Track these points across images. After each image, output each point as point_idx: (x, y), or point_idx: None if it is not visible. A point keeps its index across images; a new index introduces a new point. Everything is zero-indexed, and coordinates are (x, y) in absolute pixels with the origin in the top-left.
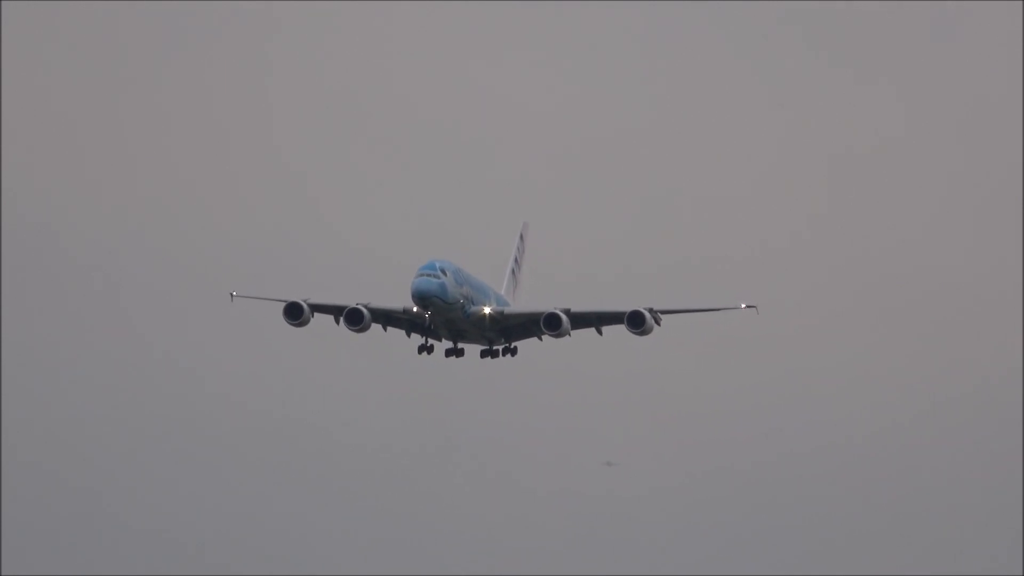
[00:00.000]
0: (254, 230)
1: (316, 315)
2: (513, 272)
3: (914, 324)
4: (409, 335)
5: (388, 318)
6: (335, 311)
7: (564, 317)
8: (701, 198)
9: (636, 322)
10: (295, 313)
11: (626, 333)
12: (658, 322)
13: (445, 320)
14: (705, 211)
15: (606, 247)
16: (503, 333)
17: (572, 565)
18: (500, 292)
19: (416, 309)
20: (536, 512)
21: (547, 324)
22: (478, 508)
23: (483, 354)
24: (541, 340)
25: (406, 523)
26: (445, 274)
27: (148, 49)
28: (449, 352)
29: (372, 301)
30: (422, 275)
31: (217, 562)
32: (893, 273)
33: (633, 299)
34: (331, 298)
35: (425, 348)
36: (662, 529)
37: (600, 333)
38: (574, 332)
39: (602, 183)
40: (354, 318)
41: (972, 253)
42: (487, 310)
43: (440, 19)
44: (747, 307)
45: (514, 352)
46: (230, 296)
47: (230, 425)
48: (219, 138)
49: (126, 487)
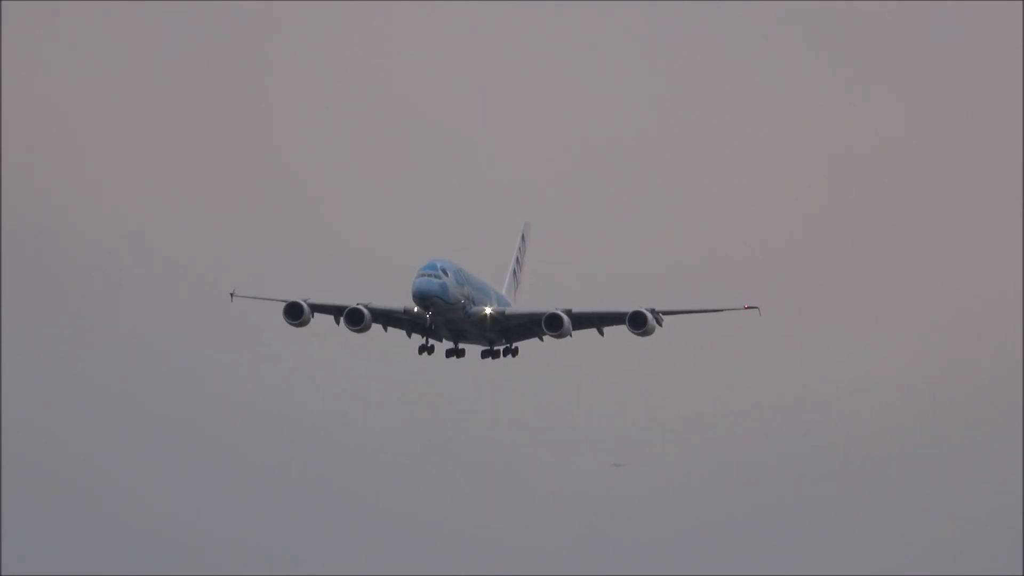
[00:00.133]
0: (254, 230)
1: (316, 315)
2: (514, 272)
3: (915, 324)
4: (410, 335)
5: (389, 318)
6: (335, 311)
7: (565, 317)
8: (702, 198)
9: (638, 323)
10: (295, 313)
11: (627, 334)
12: (660, 323)
13: (446, 320)
14: (706, 211)
15: (607, 247)
16: (504, 333)
17: (573, 565)
18: (501, 292)
19: (417, 309)
20: (537, 512)
21: (548, 324)
22: (478, 508)
23: (484, 354)
24: (542, 341)
25: (406, 523)
26: (446, 274)
27: (148, 49)
28: (450, 352)
29: (372, 301)
30: (423, 275)
31: (217, 562)
32: (894, 273)
33: (634, 299)
34: (331, 298)
35: (426, 348)
36: (663, 529)
37: (601, 334)
38: (575, 333)
39: (603, 183)
40: (354, 318)
41: (972, 253)
42: (488, 310)
43: (440, 19)
44: (749, 308)
45: (515, 353)
46: (230, 296)
47: (230, 425)
48: (219, 138)
49: (126, 487)
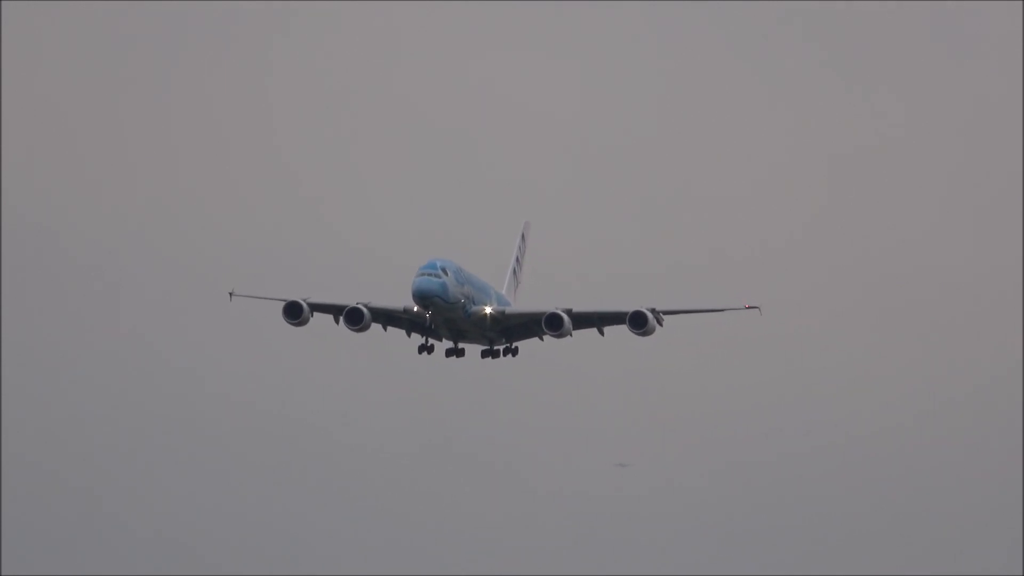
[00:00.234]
0: (254, 230)
1: (316, 315)
2: (514, 272)
3: (915, 324)
4: (409, 335)
5: (388, 318)
6: (335, 310)
7: (566, 317)
8: (702, 198)
9: (638, 322)
10: (295, 312)
11: (628, 333)
12: (660, 323)
13: (446, 320)
14: (706, 211)
15: (608, 247)
16: (504, 333)
17: (573, 565)
18: (501, 292)
19: (417, 308)
20: (536, 512)
21: (548, 324)
22: (478, 508)
23: (484, 354)
24: (542, 340)
25: (405, 523)
26: (446, 273)
27: (148, 49)
28: (449, 352)
29: (372, 300)
30: (423, 274)
31: (216, 562)
32: (894, 273)
33: (635, 299)
34: (331, 297)
35: (425, 348)
36: (663, 529)
37: (602, 333)
38: (576, 332)
39: (603, 183)
40: (354, 317)
41: (973, 253)
42: (488, 310)
43: (440, 19)
44: (749, 307)
45: (515, 352)
46: (229, 295)
47: (229, 424)
48: (219, 138)
49: (126, 486)
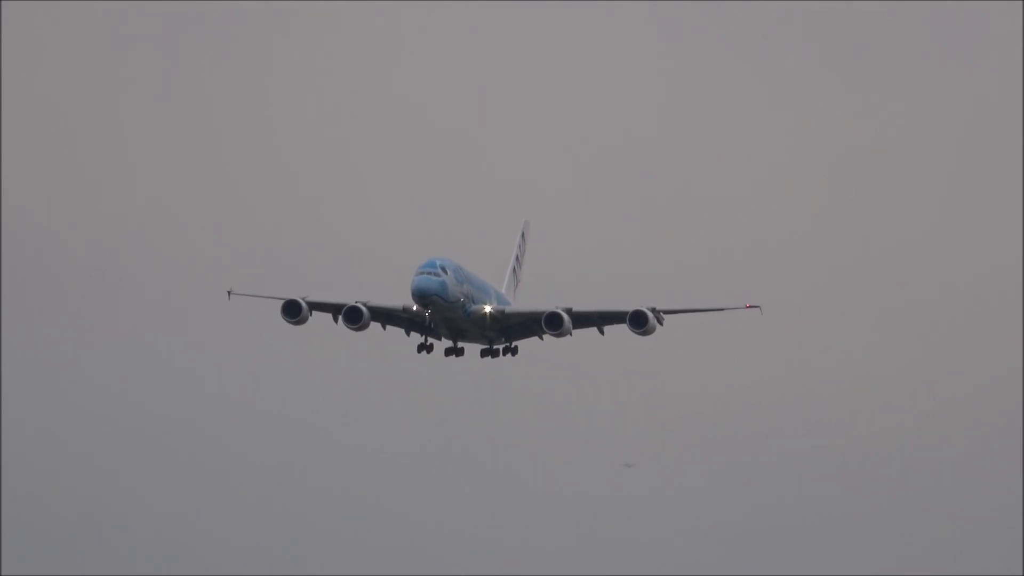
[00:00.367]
0: (254, 230)
1: (315, 313)
2: (514, 271)
3: (915, 324)
4: (408, 334)
5: (387, 316)
6: (334, 309)
7: (566, 316)
8: (703, 197)
9: (638, 322)
10: (293, 311)
11: (628, 333)
12: (660, 322)
13: (445, 319)
14: (707, 211)
15: (608, 246)
16: (504, 332)
17: (573, 565)
18: (501, 291)
19: (416, 307)
20: (536, 512)
21: (548, 323)
22: (478, 508)
23: (483, 353)
24: (542, 340)
25: (404, 523)
26: (445, 272)
27: (148, 49)
28: (449, 351)
29: (371, 299)
30: (422, 273)
31: (215, 561)
32: (894, 273)
33: (635, 299)
34: (330, 296)
35: (425, 347)
36: (663, 529)
37: (602, 333)
38: (576, 332)
39: (603, 183)
40: (353, 316)
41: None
42: (488, 309)
43: (441, 19)
44: (750, 307)
45: (515, 352)
46: (227, 294)
47: (228, 424)
48: (219, 138)
49: (125, 486)
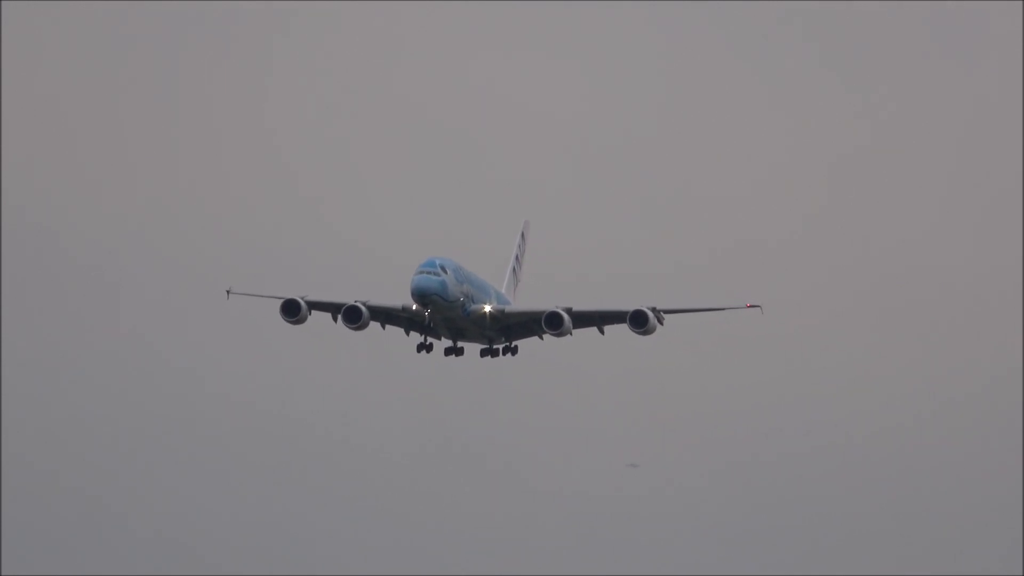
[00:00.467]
0: (254, 229)
1: (314, 313)
2: (514, 270)
3: (915, 324)
4: (408, 333)
5: (387, 316)
6: (333, 308)
7: (566, 316)
8: (703, 197)
9: (639, 322)
10: (292, 310)
11: (628, 333)
12: (661, 322)
13: (445, 318)
14: (707, 210)
15: (608, 246)
16: (503, 332)
17: (573, 565)
18: (501, 290)
19: (416, 307)
20: (536, 512)
21: (548, 323)
22: (478, 508)
23: (483, 353)
24: (542, 339)
25: (405, 523)
26: (445, 271)
27: (148, 49)
28: (448, 351)
29: (371, 299)
30: (422, 272)
31: (215, 561)
32: (894, 273)
33: (635, 298)
34: (329, 296)
35: (424, 347)
36: (663, 529)
37: (602, 332)
38: (576, 331)
39: (603, 182)
40: (352, 316)
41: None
42: (487, 308)
43: (441, 19)
44: (751, 307)
45: (514, 351)
46: (226, 293)
47: (227, 423)
48: (219, 137)
49: (125, 486)
